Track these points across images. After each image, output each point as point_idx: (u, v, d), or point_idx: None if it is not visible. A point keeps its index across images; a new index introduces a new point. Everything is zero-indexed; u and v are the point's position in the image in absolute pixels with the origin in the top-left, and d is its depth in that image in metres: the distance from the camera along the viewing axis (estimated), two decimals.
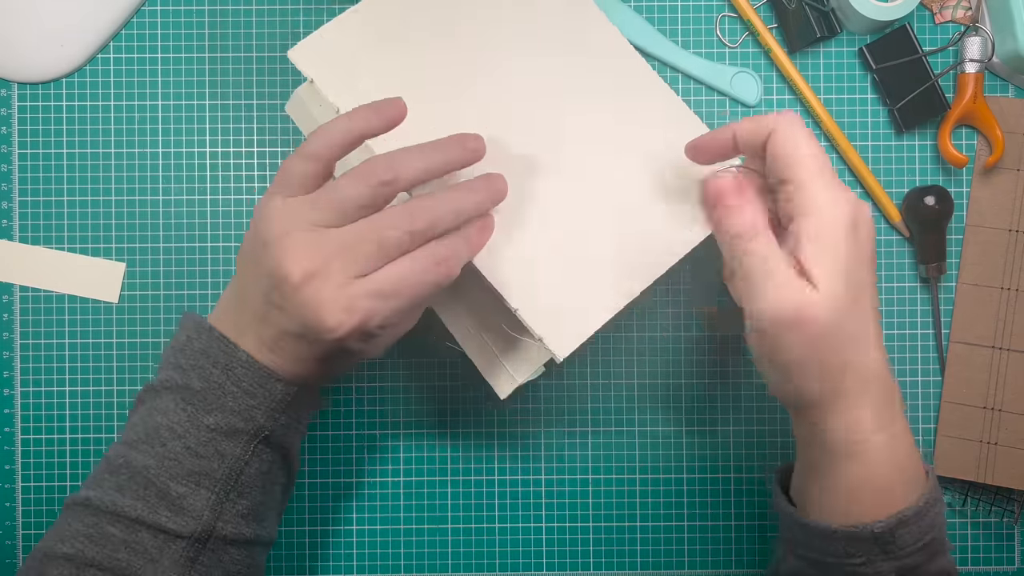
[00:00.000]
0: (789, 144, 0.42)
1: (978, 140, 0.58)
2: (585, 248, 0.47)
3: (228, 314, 0.45)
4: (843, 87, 0.58)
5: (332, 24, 0.48)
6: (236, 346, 0.43)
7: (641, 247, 0.48)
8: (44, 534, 0.44)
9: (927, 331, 0.58)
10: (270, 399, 0.43)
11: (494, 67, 0.49)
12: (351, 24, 0.48)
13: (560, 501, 0.58)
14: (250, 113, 0.58)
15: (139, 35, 0.58)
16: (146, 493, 0.42)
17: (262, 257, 0.41)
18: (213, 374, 0.43)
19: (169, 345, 0.45)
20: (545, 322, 0.46)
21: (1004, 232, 0.58)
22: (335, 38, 0.48)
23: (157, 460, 0.42)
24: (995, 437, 0.57)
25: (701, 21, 0.58)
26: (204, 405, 0.43)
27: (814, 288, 0.40)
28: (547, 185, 0.48)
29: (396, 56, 0.48)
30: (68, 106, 0.58)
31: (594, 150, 0.49)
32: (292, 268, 0.40)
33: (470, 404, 0.58)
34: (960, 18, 0.58)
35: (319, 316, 0.40)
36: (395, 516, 0.58)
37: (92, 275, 0.57)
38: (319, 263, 0.40)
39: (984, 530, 0.58)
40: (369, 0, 0.48)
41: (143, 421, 0.44)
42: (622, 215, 0.48)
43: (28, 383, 0.57)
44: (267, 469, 0.45)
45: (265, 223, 0.42)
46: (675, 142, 0.48)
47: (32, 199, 0.58)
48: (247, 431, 0.43)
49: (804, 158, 0.41)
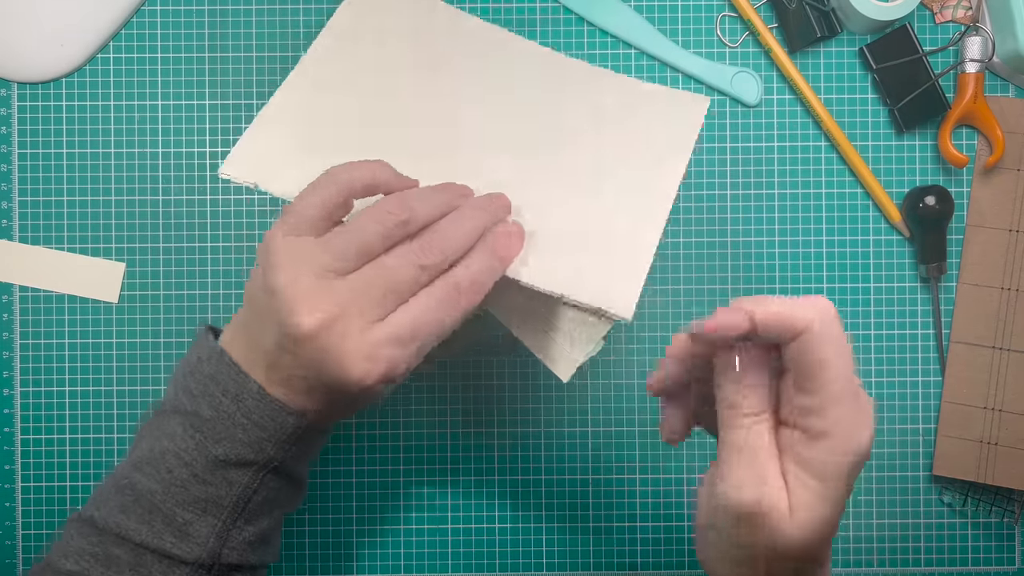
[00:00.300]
0: (822, 351, 0.35)
1: (978, 140, 0.58)
2: (587, 218, 0.47)
3: (240, 341, 0.43)
4: (843, 87, 0.58)
5: (254, 127, 0.47)
6: (247, 376, 0.41)
7: (643, 187, 0.48)
8: (46, 546, 0.43)
9: (927, 331, 0.58)
10: (281, 432, 0.42)
11: (431, 111, 0.50)
12: (274, 116, 0.47)
13: (560, 501, 0.58)
14: (249, 113, 0.58)
15: (139, 35, 0.58)
16: (151, 518, 0.41)
17: (270, 304, 0.39)
18: (223, 403, 0.41)
19: (180, 362, 0.44)
20: (598, 294, 0.44)
21: (1004, 232, 0.58)
22: (262, 137, 0.47)
23: (163, 486, 0.41)
24: (995, 437, 0.57)
25: (701, 21, 0.58)
26: (213, 434, 0.41)
27: (788, 510, 0.35)
28: (529, 193, 0.47)
29: (334, 129, 0.48)
30: (68, 106, 0.58)
31: (557, 149, 0.49)
32: (304, 319, 0.38)
33: (470, 404, 0.58)
34: (960, 18, 0.58)
35: (342, 368, 0.39)
36: (395, 516, 0.58)
37: (92, 275, 0.57)
38: (334, 311, 0.38)
39: (984, 530, 0.58)
40: (285, 90, 0.48)
41: (150, 443, 0.43)
42: (605, 180, 0.48)
43: (28, 383, 0.57)
44: (275, 496, 0.44)
45: (272, 269, 0.39)
46: (626, 101, 0.50)
47: (32, 199, 0.58)
48: (256, 462, 0.42)
49: (835, 379, 0.35)
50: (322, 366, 0.39)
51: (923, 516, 0.58)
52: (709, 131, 0.58)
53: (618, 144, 0.50)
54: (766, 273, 0.58)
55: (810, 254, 0.58)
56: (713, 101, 0.58)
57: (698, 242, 0.58)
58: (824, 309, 0.35)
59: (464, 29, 0.54)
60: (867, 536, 0.58)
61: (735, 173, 0.58)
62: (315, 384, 0.41)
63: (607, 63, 0.58)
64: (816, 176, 0.58)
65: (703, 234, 0.58)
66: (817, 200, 0.58)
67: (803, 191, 0.58)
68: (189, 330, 0.57)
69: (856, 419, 0.35)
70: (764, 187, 0.58)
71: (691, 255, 0.58)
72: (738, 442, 0.36)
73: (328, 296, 0.39)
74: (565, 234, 0.46)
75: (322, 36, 0.51)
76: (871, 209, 0.58)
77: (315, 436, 0.44)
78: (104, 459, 0.57)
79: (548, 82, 0.53)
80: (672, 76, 0.58)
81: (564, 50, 0.58)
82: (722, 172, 0.58)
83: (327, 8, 0.58)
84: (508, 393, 0.58)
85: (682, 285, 0.58)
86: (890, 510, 0.58)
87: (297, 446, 0.43)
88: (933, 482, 0.58)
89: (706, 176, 0.58)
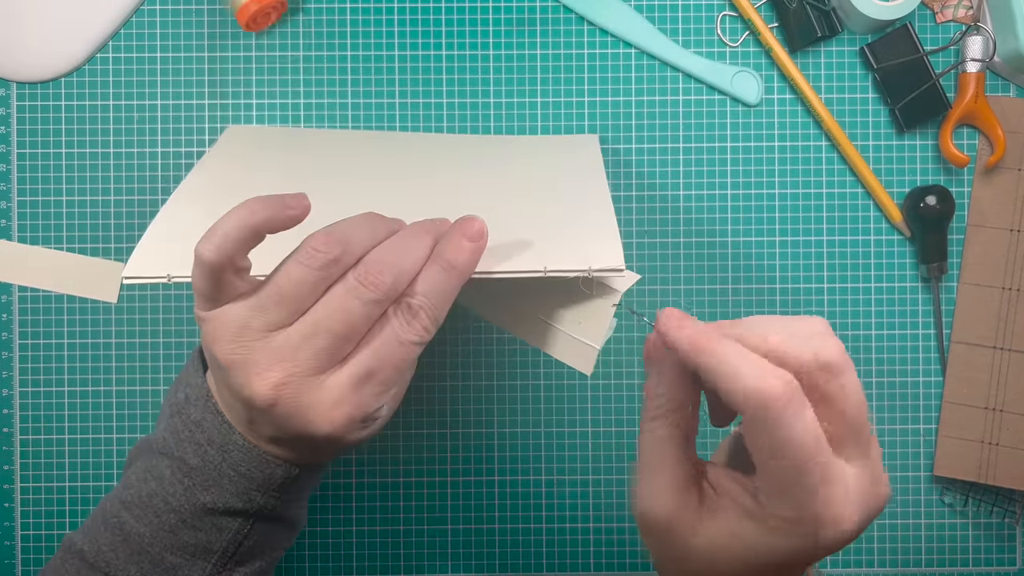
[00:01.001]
0: (782, 429, 0.30)
1: (979, 140, 0.58)
2: (543, 212, 0.46)
3: (219, 393, 0.40)
4: (844, 87, 0.58)
5: (150, 229, 0.42)
6: (232, 428, 0.39)
7: (579, 184, 0.48)
8: (40, 571, 0.42)
9: (928, 331, 0.58)
10: (270, 482, 0.40)
11: (346, 188, 0.49)
12: (169, 215, 0.44)
13: (560, 501, 0.58)
14: (249, 113, 0.58)
15: (139, 35, 0.58)
16: (140, 559, 0.40)
17: (224, 377, 0.37)
18: (208, 452, 0.39)
19: (169, 394, 0.43)
20: (580, 257, 0.41)
21: (1005, 232, 0.58)
22: (162, 233, 0.42)
23: (151, 530, 0.40)
24: (996, 438, 0.57)
25: (702, 20, 0.58)
26: (201, 481, 0.40)
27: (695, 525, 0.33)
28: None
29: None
30: (67, 106, 0.57)
31: (483, 195, 0.49)
32: (258, 388, 0.36)
33: (470, 403, 0.58)
34: (961, 17, 0.58)
35: (310, 424, 0.37)
36: (395, 516, 0.58)
37: (91, 275, 0.57)
38: (287, 369, 0.36)
39: (985, 531, 0.58)
40: (179, 196, 0.46)
41: (139, 481, 0.41)
42: (541, 192, 0.49)
43: (27, 383, 0.57)
44: (267, 538, 0.42)
45: (212, 346, 0.37)
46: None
47: (31, 199, 0.57)
48: (246, 511, 0.40)
49: (797, 455, 0.30)
50: (290, 426, 0.37)
51: (924, 516, 0.58)
52: (709, 131, 0.58)
53: (535, 175, 0.51)
54: (766, 273, 0.58)
55: (810, 254, 0.58)
56: (713, 101, 0.58)
57: (698, 242, 0.58)
58: (788, 383, 0.30)
59: (347, 137, 0.56)
60: (867, 536, 0.58)
61: (735, 173, 0.58)
62: (293, 439, 0.39)
63: (607, 62, 0.58)
64: (816, 176, 0.58)
65: (703, 234, 0.58)
66: (817, 200, 0.58)
67: (803, 191, 0.58)
68: (188, 330, 0.57)
69: (828, 508, 0.31)
70: (764, 187, 0.58)
71: (691, 255, 0.58)
72: (644, 445, 0.35)
73: (271, 356, 0.36)
74: (524, 229, 0.44)
75: (201, 161, 0.50)
76: (872, 209, 0.58)
77: (309, 477, 0.43)
78: (103, 459, 0.57)
79: (443, 153, 0.54)
80: (672, 75, 0.58)
81: (564, 49, 0.58)
82: (722, 172, 0.58)
83: (326, 7, 0.58)
84: (508, 393, 0.58)
85: (682, 285, 0.58)
86: (890, 510, 0.58)
87: (289, 491, 0.41)
88: (934, 482, 0.58)
89: (706, 176, 0.58)
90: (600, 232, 0.43)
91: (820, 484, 0.30)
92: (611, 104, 0.58)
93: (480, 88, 0.58)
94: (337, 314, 0.36)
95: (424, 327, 0.38)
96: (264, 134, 0.56)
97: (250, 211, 0.35)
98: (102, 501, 0.43)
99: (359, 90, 0.58)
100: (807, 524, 0.31)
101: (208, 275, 0.35)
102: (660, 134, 0.58)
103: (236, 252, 0.35)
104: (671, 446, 0.34)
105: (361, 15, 0.58)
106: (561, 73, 0.58)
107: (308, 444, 0.39)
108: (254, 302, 0.36)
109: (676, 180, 0.58)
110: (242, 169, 0.51)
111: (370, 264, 0.37)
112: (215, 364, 0.38)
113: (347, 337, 0.36)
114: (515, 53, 0.58)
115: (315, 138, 0.56)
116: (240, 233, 0.35)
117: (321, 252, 0.36)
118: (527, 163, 0.53)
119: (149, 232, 0.42)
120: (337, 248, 0.36)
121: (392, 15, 0.58)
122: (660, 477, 0.34)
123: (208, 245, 0.35)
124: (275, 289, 0.36)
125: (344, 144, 0.55)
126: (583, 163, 0.51)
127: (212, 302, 0.37)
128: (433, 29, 0.58)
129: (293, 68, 0.58)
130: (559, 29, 0.58)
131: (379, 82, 0.58)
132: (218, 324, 0.36)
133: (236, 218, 0.35)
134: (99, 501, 0.43)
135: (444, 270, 0.38)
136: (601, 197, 0.46)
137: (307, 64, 0.58)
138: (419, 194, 0.49)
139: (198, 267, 0.36)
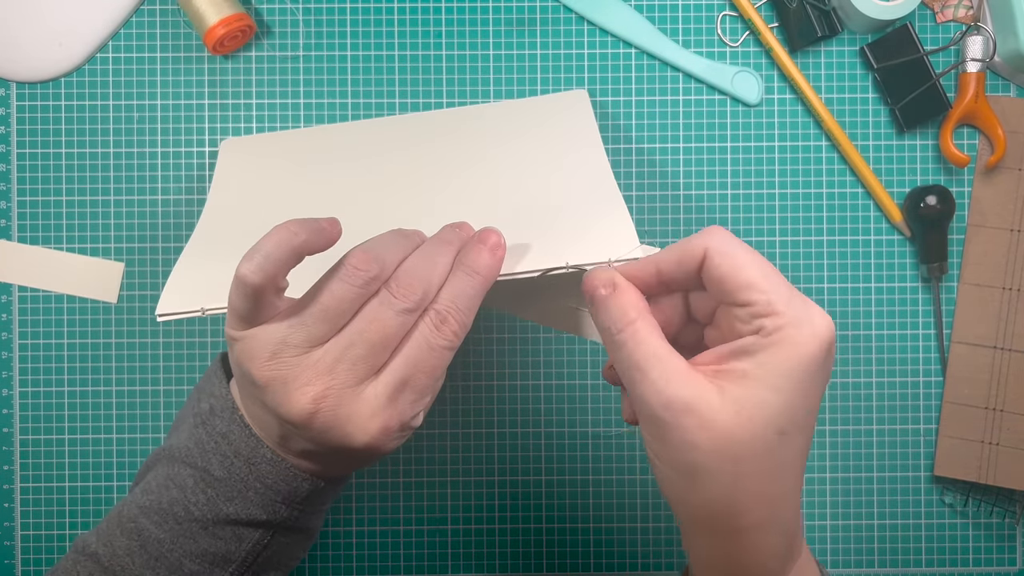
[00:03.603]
0: (731, 261, 0.34)
1: (979, 140, 0.58)
2: (547, 208, 0.46)
3: (248, 409, 0.41)
4: (844, 86, 0.58)
5: (179, 264, 0.45)
6: (260, 441, 0.40)
7: (578, 168, 0.48)
8: (48, 571, 0.42)
9: (928, 331, 0.58)
10: (296, 495, 0.41)
11: (352, 192, 0.50)
12: (195, 250, 0.46)
13: (560, 501, 0.58)
14: (249, 113, 0.58)
15: (138, 35, 0.58)
16: (157, 565, 0.41)
17: (260, 395, 0.38)
18: (235, 465, 0.40)
19: (190, 403, 0.43)
20: (597, 248, 0.41)
21: (1006, 232, 0.58)
22: (192, 267, 0.45)
23: (171, 536, 0.41)
24: (996, 438, 0.57)
25: (702, 20, 0.58)
26: (225, 492, 0.40)
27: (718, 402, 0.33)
28: (483, 218, 0.46)
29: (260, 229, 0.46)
30: (67, 106, 0.57)
31: (484, 180, 0.50)
32: (297, 403, 0.37)
33: (470, 403, 0.58)
34: (961, 17, 0.58)
35: (348, 437, 0.38)
36: (395, 516, 0.58)
37: (91, 275, 0.57)
38: (326, 383, 0.37)
39: (985, 531, 0.58)
40: (200, 229, 0.48)
41: (159, 488, 0.42)
42: (541, 178, 0.49)
43: (27, 383, 0.57)
44: (286, 548, 0.43)
45: (246, 364, 0.38)
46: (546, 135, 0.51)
47: (31, 199, 0.57)
48: (269, 522, 0.41)
49: (758, 278, 0.34)
50: (328, 439, 0.38)
51: (924, 516, 0.58)
52: (709, 131, 0.58)
53: (534, 149, 0.51)
54: None
55: (810, 254, 0.58)
56: (714, 101, 0.58)
57: None
58: (714, 229, 0.35)
59: (341, 130, 0.57)
60: (867, 536, 0.58)
61: (735, 173, 0.58)
62: (328, 453, 0.40)
63: (607, 62, 0.58)
64: (817, 176, 0.58)
65: None
66: (818, 200, 0.58)
67: (803, 191, 0.58)
68: (188, 330, 0.57)
69: (808, 311, 0.33)
70: (764, 187, 0.58)
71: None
72: (635, 351, 0.34)
73: (310, 371, 0.37)
74: (536, 220, 0.45)
75: (212, 187, 0.53)
76: (872, 209, 0.58)
77: (334, 489, 0.44)
78: (103, 459, 0.57)
79: (439, 134, 0.54)
80: (673, 75, 0.58)
81: (564, 49, 0.58)
82: (722, 172, 0.58)
83: (326, 7, 0.58)
84: (508, 393, 0.58)
85: None
86: (891, 510, 0.58)
87: (312, 503, 0.42)
88: (934, 482, 0.58)
89: (706, 176, 0.58)
90: (610, 213, 0.43)
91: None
92: (611, 104, 0.58)
93: (480, 88, 0.58)
94: (373, 325, 0.37)
95: (453, 332, 0.39)
96: (259, 144, 0.56)
97: (291, 233, 0.37)
98: (117, 505, 0.43)
99: (359, 90, 0.58)
100: (806, 314, 0.33)
101: (249, 296, 0.37)
102: (660, 134, 0.58)
103: (277, 272, 0.37)
104: (660, 338, 0.35)
105: (361, 15, 0.58)
106: (561, 73, 0.58)
107: (343, 456, 0.40)
108: (296, 320, 0.37)
109: (676, 180, 0.58)
110: (252, 191, 0.52)
111: (401, 277, 0.38)
112: (248, 381, 0.38)
113: (383, 346, 0.38)
114: (515, 53, 0.58)
115: (308, 140, 0.56)
116: (281, 253, 0.36)
117: (362, 271, 0.37)
118: (522, 138, 0.52)
119: (176, 269, 0.44)
120: (376, 266, 0.38)
121: (392, 15, 0.58)
122: (666, 363, 0.34)
123: (251, 266, 0.36)
124: (319, 307, 0.37)
125: (339, 144, 0.55)
126: (577, 128, 0.51)
127: (247, 322, 0.38)
128: (433, 29, 0.58)
129: (293, 68, 0.58)
130: (559, 29, 0.58)
131: (379, 82, 0.58)
132: (255, 343, 0.37)
133: (277, 239, 0.36)
134: (105, 502, 0.43)
135: (468, 276, 0.40)
136: (602, 168, 0.47)
137: (307, 64, 0.58)
138: (427, 194, 0.50)
139: (239, 288, 0.37)
